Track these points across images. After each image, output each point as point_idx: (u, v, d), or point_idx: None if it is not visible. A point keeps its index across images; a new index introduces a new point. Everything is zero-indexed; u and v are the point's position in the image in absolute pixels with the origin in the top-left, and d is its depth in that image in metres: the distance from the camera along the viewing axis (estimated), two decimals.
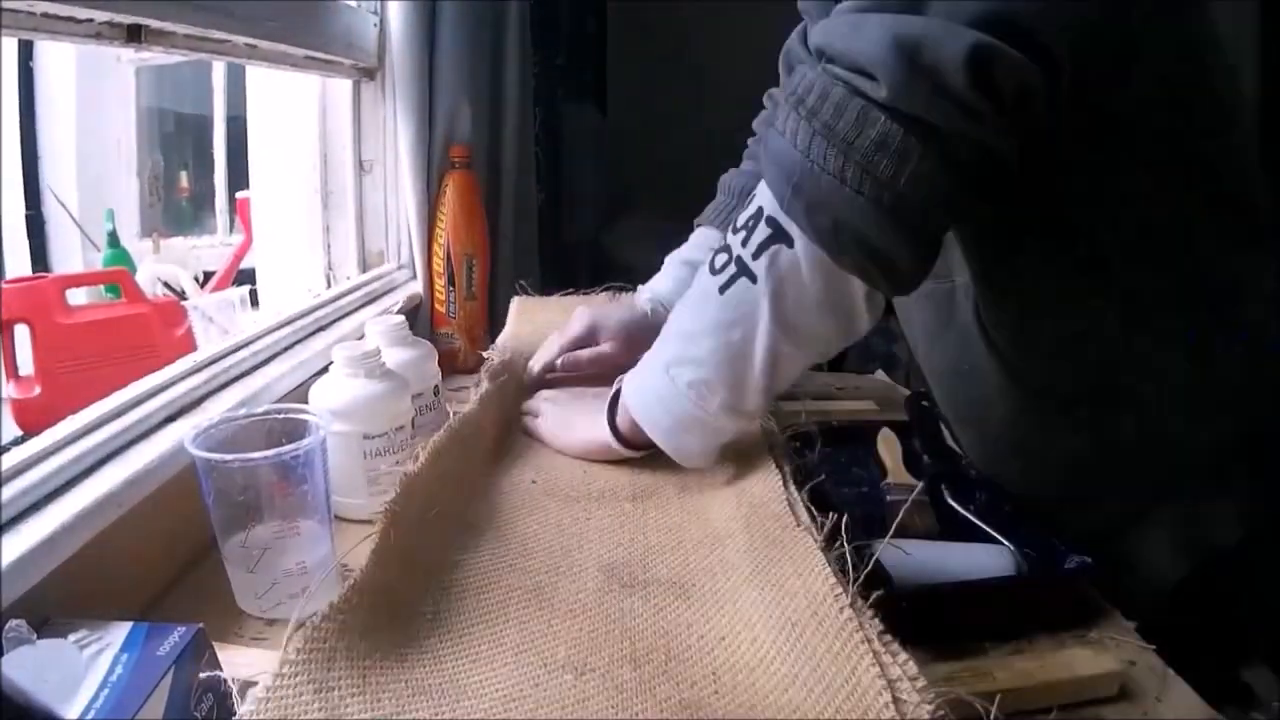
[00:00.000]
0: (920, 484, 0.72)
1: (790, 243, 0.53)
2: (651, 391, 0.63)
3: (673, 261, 0.91)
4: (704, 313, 0.58)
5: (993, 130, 0.47)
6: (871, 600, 0.44)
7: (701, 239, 0.92)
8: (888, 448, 0.79)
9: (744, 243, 0.55)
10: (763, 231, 0.54)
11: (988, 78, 0.45)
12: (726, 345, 0.57)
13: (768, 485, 0.61)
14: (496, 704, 0.41)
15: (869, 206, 0.48)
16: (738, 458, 0.70)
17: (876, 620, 0.43)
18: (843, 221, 0.50)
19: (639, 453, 0.67)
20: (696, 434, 0.62)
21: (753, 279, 0.54)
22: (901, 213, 0.49)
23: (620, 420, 0.66)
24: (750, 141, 0.96)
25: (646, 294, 0.89)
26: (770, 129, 0.54)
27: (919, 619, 0.44)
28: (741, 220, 0.56)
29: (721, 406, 0.59)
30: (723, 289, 0.56)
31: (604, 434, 0.68)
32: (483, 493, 0.63)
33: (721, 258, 0.57)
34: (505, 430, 0.75)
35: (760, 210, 0.54)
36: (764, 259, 0.54)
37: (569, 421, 0.72)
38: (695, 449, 0.63)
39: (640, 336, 0.76)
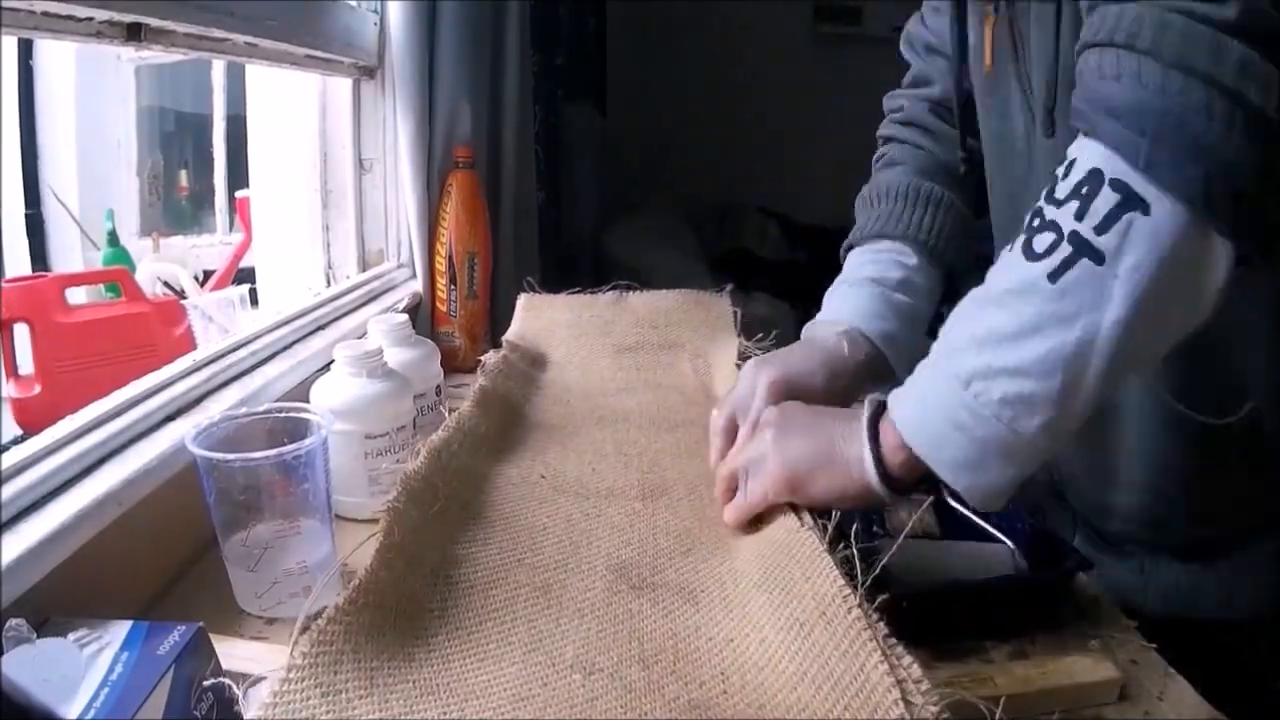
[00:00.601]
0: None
1: (1146, 208, 0.43)
2: (941, 415, 0.49)
3: (850, 285, 0.73)
4: (1025, 307, 0.46)
5: None
6: (876, 603, 0.44)
7: (869, 258, 0.75)
8: None
9: (1079, 215, 0.45)
10: (1107, 199, 0.44)
11: None
12: (1060, 347, 0.46)
13: None
14: (505, 703, 0.41)
15: (1244, 143, 0.42)
16: None
17: (881, 623, 0.43)
18: (1219, 166, 0.42)
19: (903, 499, 0.55)
20: (1003, 465, 0.49)
21: (1098, 259, 0.44)
22: (1274, 146, 0.43)
23: (889, 454, 0.52)
24: (883, 151, 0.83)
25: (833, 328, 0.69)
26: (1082, 78, 0.47)
27: (920, 619, 0.44)
28: (1065, 189, 0.46)
29: (1042, 427, 0.47)
30: (1054, 275, 0.45)
31: (866, 474, 0.53)
32: (490, 486, 0.63)
33: (1045, 237, 0.46)
34: (511, 425, 0.75)
35: (1098, 174, 0.45)
36: (1114, 231, 0.44)
37: (797, 452, 0.55)
38: (999, 485, 0.50)
39: (852, 385, 0.66)
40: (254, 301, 1.23)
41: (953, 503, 0.68)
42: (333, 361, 0.71)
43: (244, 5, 0.82)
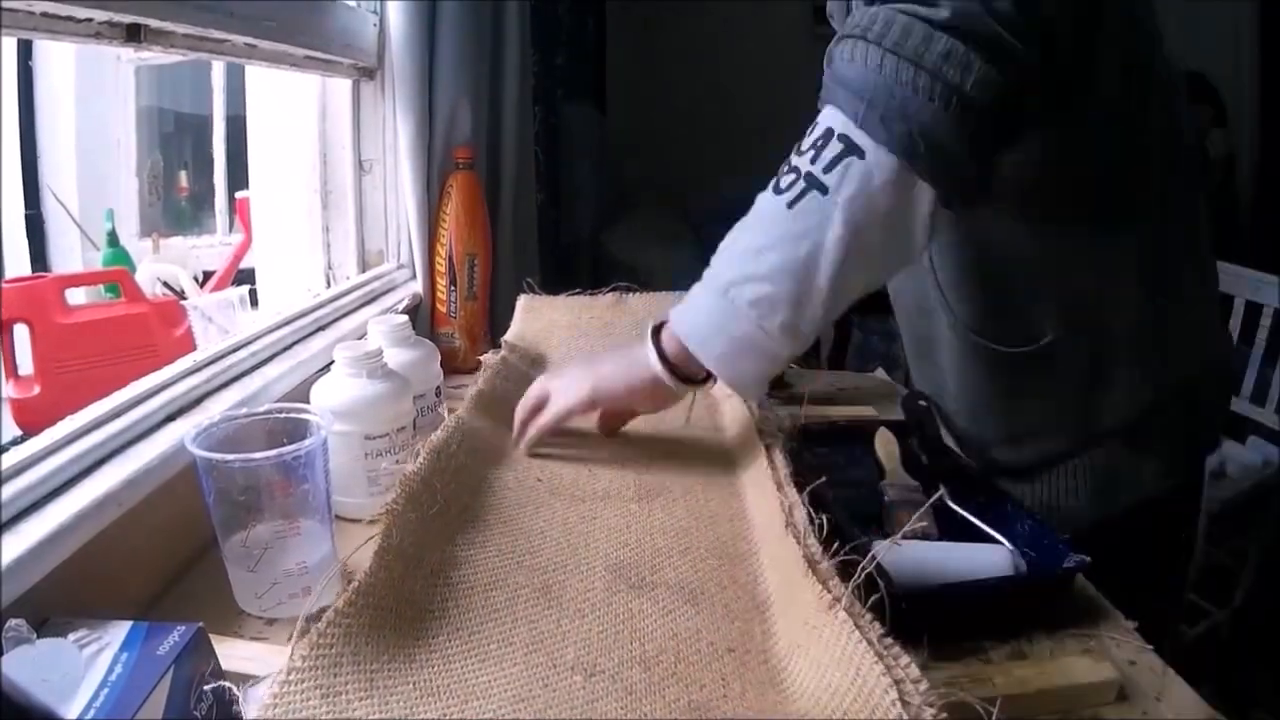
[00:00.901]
0: (918, 484, 0.72)
1: (862, 154, 0.56)
2: (706, 315, 0.61)
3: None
4: (770, 229, 0.59)
5: (1029, 41, 0.54)
6: (870, 602, 0.44)
7: None
8: (885, 448, 0.79)
9: (813, 160, 0.57)
10: (834, 148, 0.56)
11: (1033, 3, 0.54)
12: (794, 259, 0.57)
13: (768, 488, 0.61)
14: (506, 704, 0.41)
15: (940, 110, 0.54)
16: (739, 456, 0.70)
17: (876, 624, 0.43)
18: (918, 126, 0.54)
19: (685, 388, 0.66)
20: (754, 357, 0.61)
21: (824, 190, 0.56)
22: (968, 115, 0.54)
23: (669, 348, 0.65)
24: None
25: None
26: (833, 62, 0.58)
27: (919, 620, 0.44)
28: (807, 144, 0.58)
29: (782, 326, 0.59)
30: (791, 204, 0.57)
31: (651, 365, 0.65)
32: (488, 489, 0.63)
33: (788, 178, 0.58)
34: (508, 428, 0.75)
35: (830, 130, 0.57)
36: (835, 171, 0.56)
37: (597, 368, 0.69)
38: (751, 374, 0.62)
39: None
40: (254, 302, 1.23)
41: (951, 504, 0.69)
42: (332, 362, 0.71)
43: (243, 6, 0.82)
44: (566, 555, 0.55)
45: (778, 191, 0.59)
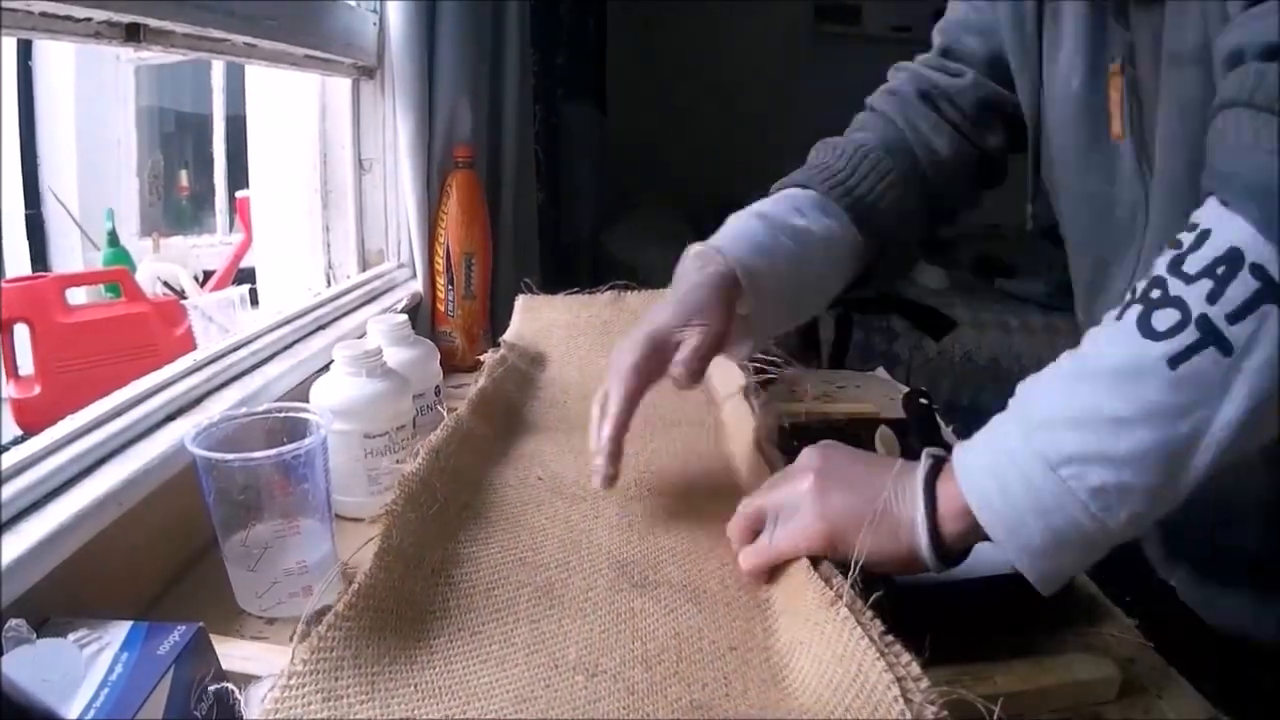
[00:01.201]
0: None
1: None
2: (1023, 495, 0.44)
3: (743, 217, 0.69)
4: (1137, 393, 0.42)
5: None
6: (872, 600, 0.44)
7: (787, 202, 0.71)
8: (885, 446, 0.79)
9: (1211, 298, 0.40)
10: (1246, 283, 0.39)
11: None
12: (1168, 441, 0.41)
13: None
14: (508, 705, 0.41)
15: None
16: (739, 455, 0.70)
17: (878, 621, 0.43)
18: None
19: (942, 566, 0.49)
20: (1078, 552, 0.45)
21: (1226, 350, 0.40)
22: None
23: (946, 521, 0.47)
24: (864, 115, 0.80)
25: (715, 250, 0.65)
26: (1220, 143, 0.43)
27: (919, 617, 0.44)
28: (1197, 265, 0.41)
29: (1129, 518, 0.43)
30: (1174, 361, 0.41)
31: (916, 541, 0.48)
32: (488, 488, 0.63)
33: (1167, 316, 0.41)
34: (508, 427, 0.75)
35: (1238, 254, 0.40)
36: (1247, 321, 0.39)
37: (831, 506, 0.50)
38: (1067, 571, 0.47)
39: (702, 299, 0.62)
40: (254, 301, 1.23)
41: None
42: (332, 361, 0.71)
43: (243, 5, 0.82)
44: (568, 554, 0.55)
45: (1150, 334, 0.42)
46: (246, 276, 1.30)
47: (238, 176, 1.56)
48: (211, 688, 0.45)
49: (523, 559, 0.54)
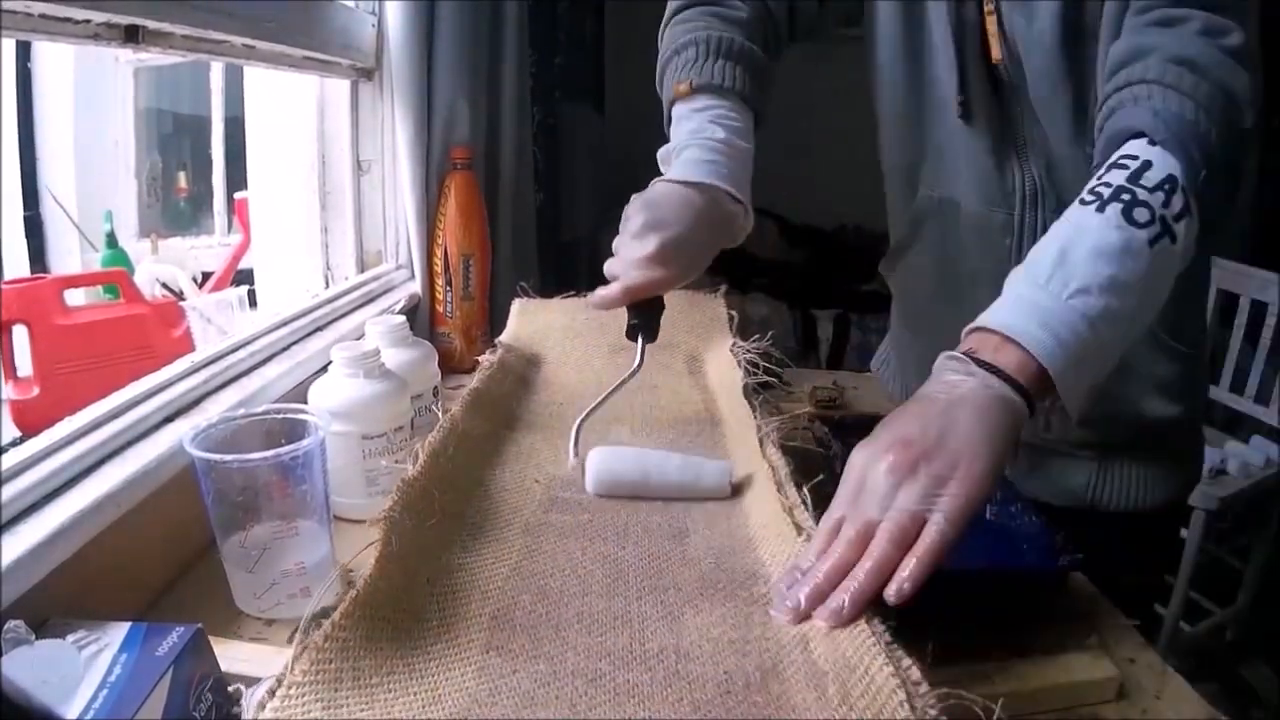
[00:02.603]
0: None
1: (1192, 216, 0.57)
2: (1074, 341, 0.53)
3: (688, 148, 0.75)
4: (1134, 264, 0.55)
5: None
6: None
7: (693, 123, 0.76)
8: None
9: (1164, 204, 0.56)
10: (1179, 202, 0.56)
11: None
12: (1146, 294, 0.56)
13: (767, 487, 0.61)
14: (508, 713, 0.41)
15: (1227, 197, 0.58)
16: (737, 455, 0.70)
17: (880, 623, 0.43)
18: (1223, 214, 0.58)
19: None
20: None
21: (1174, 240, 0.55)
22: (1238, 190, 0.59)
23: (1020, 372, 0.52)
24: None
25: (687, 186, 0.71)
26: (1146, 102, 0.59)
27: (920, 617, 0.44)
28: (1151, 182, 0.56)
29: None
30: (1151, 243, 0.55)
31: (1004, 398, 0.51)
32: (484, 493, 0.63)
33: (1143, 212, 0.56)
34: (504, 428, 0.75)
35: (1174, 179, 0.56)
36: (1181, 225, 0.56)
37: (936, 441, 0.50)
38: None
39: (716, 231, 0.73)
40: (252, 303, 1.23)
41: None
42: (330, 363, 0.71)
43: (242, 7, 0.82)
44: (565, 557, 0.55)
45: (1134, 224, 0.55)
46: (245, 278, 1.30)
47: (236, 178, 1.56)
48: (202, 673, 0.45)
49: (518, 565, 0.54)
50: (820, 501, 0.58)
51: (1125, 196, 0.56)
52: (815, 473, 0.64)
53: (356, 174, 1.19)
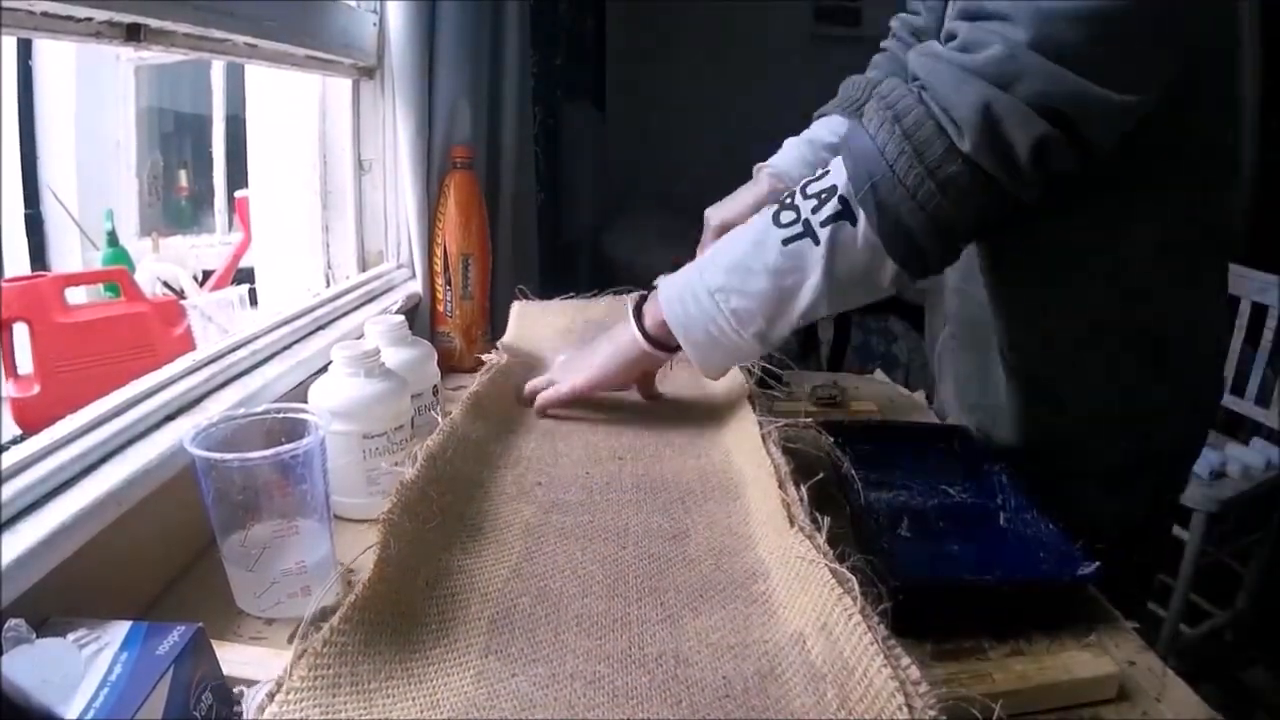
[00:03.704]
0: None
1: (854, 221, 0.63)
2: (694, 307, 0.69)
3: (794, 143, 0.95)
4: (763, 256, 0.66)
5: (1032, 188, 0.60)
6: (880, 609, 0.44)
7: (824, 126, 0.96)
8: None
9: (814, 210, 0.64)
10: (833, 207, 0.63)
11: (1045, 161, 0.58)
12: (778, 289, 0.66)
13: (769, 487, 0.61)
14: (507, 715, 0.41)
15: (928, 221, 0.61)
16: (737, 456, 0.70)
17: (881, 625, 0.43)
18: (904, 225, 0.61)
19: (661, 354, 0.75)
20: (724, 352, 0.71)
21: (815, 241, 0.64)
22: (948, 228, 0.62)
23: (651, 324, 0.74)
24: (876, 56, 1.01)
25: (769, 170, 0.92)
26: (857, 127, 0.64)
27: (920, 618, 0.44)
28: (814, 189, 0.65)
29: (756, 334, 0.68)
30: (786, 242, 0.65)
31: (638, 342, 0.74)
32: (484, 495, 0.63)
33: (789, 215, 0.66)
34: (504, 430, 0.75)
35: (835, 189, 0.64)
36: (829, 229, 0.63)
37: (591, 358, 0.79)
38: (717, 363, 0.73)
39: None
40: (253, 302, 1.23)
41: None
42: (331, 362, 0.71)
43: (243, 6, 0.82)
44: (565, 560, 0.55)
45: (778, 224, 0.66)
46: (245, 277, 1.30)
47: (237, 177, 1.56)
48: (203, 673, 0.45)
49: (518, 568, 0.54)
50: (821, 501, 0.58)
51: (787, 200, 0.67)
52: (815, 472, 0.64)
53: (358, 173, 1.19)
